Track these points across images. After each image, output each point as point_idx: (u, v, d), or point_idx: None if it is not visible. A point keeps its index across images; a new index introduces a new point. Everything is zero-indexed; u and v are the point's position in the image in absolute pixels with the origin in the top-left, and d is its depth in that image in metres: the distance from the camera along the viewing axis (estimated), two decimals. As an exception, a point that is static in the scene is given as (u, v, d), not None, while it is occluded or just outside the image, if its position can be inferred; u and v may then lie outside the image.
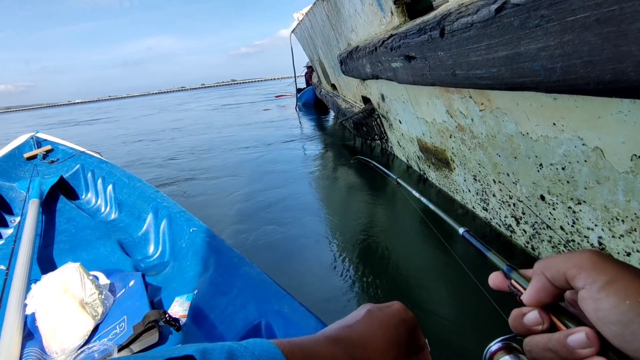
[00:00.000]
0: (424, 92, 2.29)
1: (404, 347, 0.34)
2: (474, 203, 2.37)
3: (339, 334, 0.33)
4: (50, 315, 1.22)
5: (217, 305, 1.25)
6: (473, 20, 1.03)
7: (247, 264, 1.34)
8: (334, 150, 5.34)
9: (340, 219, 2.80)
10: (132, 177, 2.51)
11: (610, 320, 0.24)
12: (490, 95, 1.55)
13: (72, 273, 1.33)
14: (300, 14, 8.37)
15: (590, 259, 0.27)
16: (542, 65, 0.82)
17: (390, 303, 0.38)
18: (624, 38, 0.58)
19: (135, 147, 7.47)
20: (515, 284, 0.34)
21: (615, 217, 1.22)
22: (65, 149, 3.16)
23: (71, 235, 2.07)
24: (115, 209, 2.44)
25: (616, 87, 0.65)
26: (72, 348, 1.18)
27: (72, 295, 1.27)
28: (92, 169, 2.81)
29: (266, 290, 1.18)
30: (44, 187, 2.47)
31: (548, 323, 0.29)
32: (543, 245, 1.75)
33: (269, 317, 1.08)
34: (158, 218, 2.00)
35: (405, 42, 1.61)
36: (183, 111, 16.84)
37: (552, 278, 0.29)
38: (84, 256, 1.82)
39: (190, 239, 1.67)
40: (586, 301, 0.26)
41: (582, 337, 0.26)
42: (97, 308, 1.31)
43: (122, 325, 1.24)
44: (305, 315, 1.03)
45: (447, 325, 1.56)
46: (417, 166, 3.43)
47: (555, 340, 0.27)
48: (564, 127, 1.21)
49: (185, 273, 1.53)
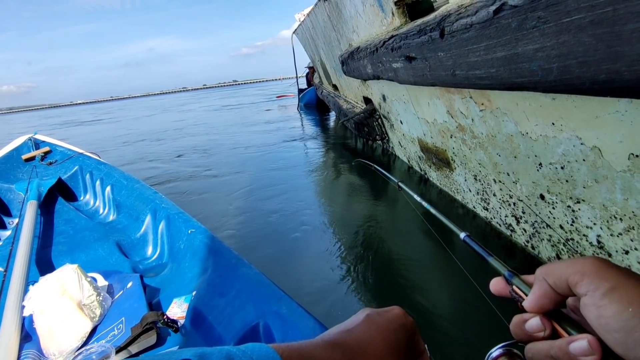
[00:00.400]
0: (424, 92, 2.30)
1: (403, 352, 0.34)
2: (475, 203, 2.38)
3: (337, 339, 0.33)
4: (47, 317, 1.22)
5: (215, 306, 1.25)
6: (472, 21, 1.05)
7: (245, 265, 1.34)
8: (335, 151, 5.35)
9: (341, 222, 2.81)
10: (130, 178, 2.50)
11: (612, 327, 0.24)
12: (490, 96, 1.57)
13: (70, 275, 1.32)
14: (301, 14, 8.40)
15: (593, 265, 0.26)
16: (539, 66, 0.84)
17: (390, 308, 0.38)
18: (617, 39, 0.60)
19: (140, 147, 7.55)
20: (516, 290, 0.33)
21: (613, 215, 1.23)
22: (63, 151, 3.16)
23: (69, 236, 2.06)
24: (114, 210, 2.44)
25: (611, 86, 0.66)
26: (69, 350, 1.17)
27: (69, 296, 1.26)
28: (91, 171, 2.81)
29: (264, 292, 1.18)
30: (42, 188, 2.47)
31: (550, 330, 0.29)
32: (543, 244, 1.76)
33: (267, 318, 1.08)
34: (156, 219, 2.00)
35: (405, 43, 1.63)
36: (185, 112, 16.92)
37: (554, 284, 0.28)
38: (82, 257, 1.81)
39: (188, 240, 1.67)
40: (588, 308, 0.26)
41: (584, 345, 0.25)
42: (95, 310, 1.30)
43: (120, 326, 1.24)
44: (303, 317, 1.03)
45: (447, 331, 1.56)
46: (418, 166, 3.44)
47: (557, 348, 0.27)
48: (563, 126, 1.23)
49: (184, 274, 1.53)
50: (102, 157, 3.13)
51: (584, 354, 0.25)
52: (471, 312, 1.60)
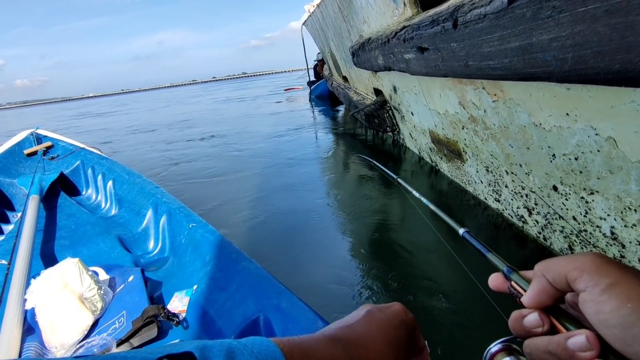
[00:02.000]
0: (436, 83, 2.29)
1: (403, 348, 0.34)
2: (486, 194, 2.37)
3: (338, 334, 0.33)
4: (49, 310, 1.23)
5: (216, 300, 1.26)
6: (486, 11, 1.04)
7: (246, 259, 1.34)
8: (345, 142, 5.36)
9: (343, 216, 2.80)
10: (131, 173, 2.52)
11: (611, 323, 0.24)
12: (503, 86, 1.55)
13: (71, 268, 1.34)
14: (311, 5, 8.31)
15: (593, 261, 0.26)
16: (553, 56, 0.84)
17: (391, 304, 0.38)
18: (630, 29, 0.60)
19: (170, 132, 8.22)
20: (515, 286, 0.33)
21: (627, 206, 1.22)
22: (65, 145, 3.17)
23: (71, 231, 2.08)
24: (115, 204, 2.45)
25: (625, 76, 0.67)
26: (71, 343, 1.19)
27: (71, 290, 1.28)
28: (93, 165, 2.82)
29: (265, 285, 1.18)
30: (44, 183, 2.48)
31: (548, 325, 0.29)
32: (555, 235, 1.75)
33: (267, 312, 1.09)
34: (158, 214, 2.00)
35: (418, 34, 1.62)
36: (196, 104, 17.21)
37: (553, 280, 0.28)
38: (84, 252, 1.82)
39: (189, 235, 1.68)
40: (587, 304, 0.26)
41: (582, 340, 0.25)
42: (96, 303, 1.32)
43: (121, 320, 1.26)
44: (303, 310, 1.03)
45: (446, 326, 1.56)
46: (429, 158, 3.43)
47: (555, 343, 0.27)
48: (577, 117, 1.22)
49: (185, 268, 1.55)
50: (119, 148, 3.18)
51: (582, 349, 0.25)
52: (470, 307, 1.61)
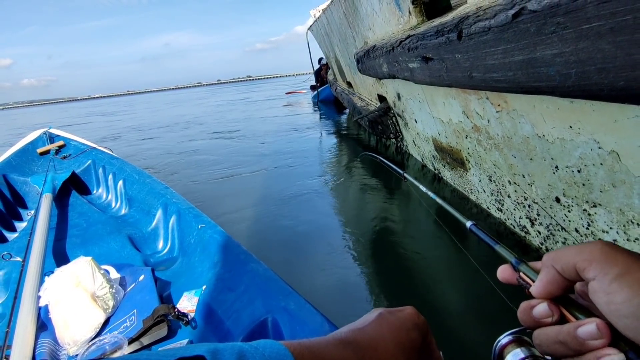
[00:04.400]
0: (440, 92, 2.30)
1: (415, 352, 0.34)
2: (489, 203, 2.37)
3: (349, 337, 0.32)
4: (63, 308, 1.25)
5: (224, 301, 1.27)
6: (490, 24, 1.05)
7: (254, 261, 1.35)
8: (349, 145, 5.40)
9: (350, 214, 2.84)
10: (142, 173, 2.55)
11: (623, 313, 0.24)
12: (507, 97, 1.56)
13: (84, 267, 1.36)
14: (316, 10, 8.37)
15: (602, 250, 0.26)
16: (557, 71, 0.84)
17: (403, 307, 0.37)
18: (636, 47, 0.60)
19: (166, 133, 8.29)
20: (524, 277, 0.33)
21: (630, 220, 1.22)
22: (77, 145, 3.22)
23: (83, 229, 2.11)
24: (126, 204, 2.48)
25: (629, 93, 0.67)
26: (83, 340, 1.20)
27: (83, 288, 1.30)
28: (103, 165, 2.86)
29: (272, 287, 1.19)
30: (56, 182, 2.51)
31: (558, 315, 0.29)
32: (557, 246, 1.75)
33: (275, 313, 1.09)
34: (167, 214, 2.03)
35: (422, 44, 1.63)
36: (203, 106, 17.38)
37: (561, 270, 0.28)
38: (96, 250, 1.85)
39: (198, 235, 1.69)
40: (597, 293, 0.25)
41: (592, 329, 0.25)
42: (108, 301, 1.34)
43: (132, 318, 1.27)
44: (311, 312, 1.04)
45: (456, 319, 1.57)
46: (432, 165, 3.43)
47: (565, 332, 0.27)
48: (581, 130, 1.22)
49: (194, 268, 1.56)
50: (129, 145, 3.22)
51: (593, 337, 0.25)
52: (480, 300, 1.61)
